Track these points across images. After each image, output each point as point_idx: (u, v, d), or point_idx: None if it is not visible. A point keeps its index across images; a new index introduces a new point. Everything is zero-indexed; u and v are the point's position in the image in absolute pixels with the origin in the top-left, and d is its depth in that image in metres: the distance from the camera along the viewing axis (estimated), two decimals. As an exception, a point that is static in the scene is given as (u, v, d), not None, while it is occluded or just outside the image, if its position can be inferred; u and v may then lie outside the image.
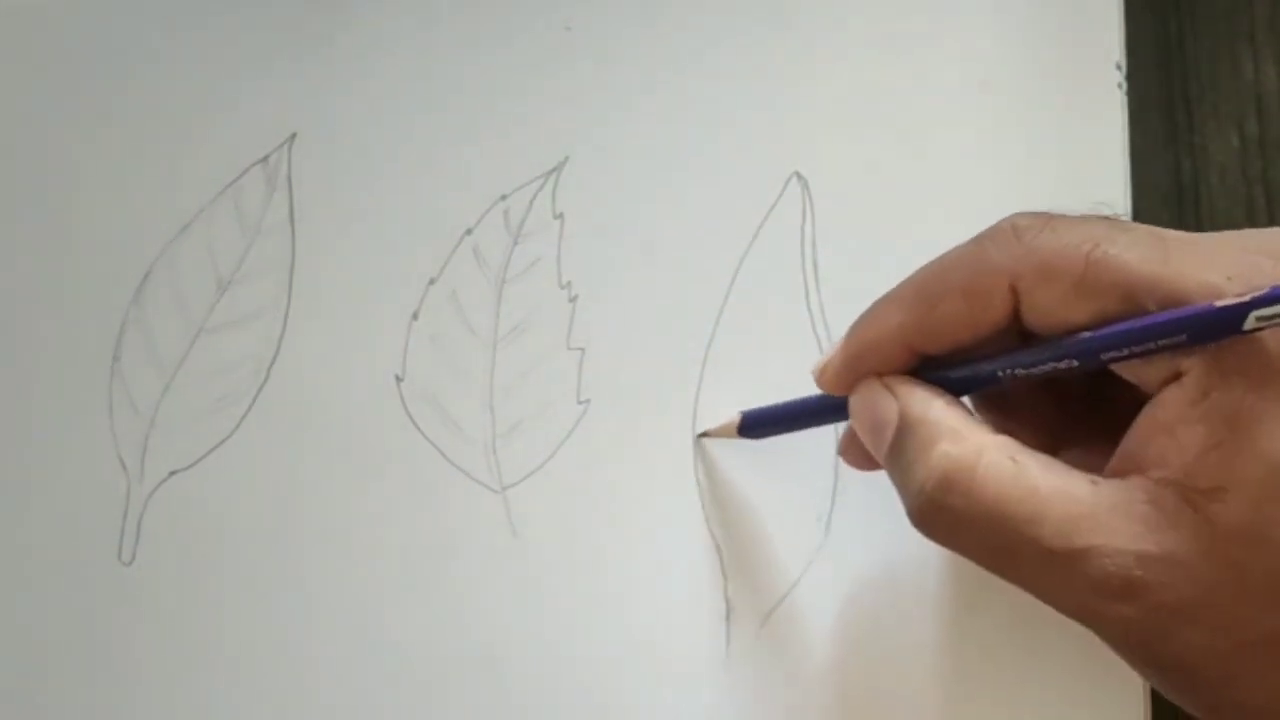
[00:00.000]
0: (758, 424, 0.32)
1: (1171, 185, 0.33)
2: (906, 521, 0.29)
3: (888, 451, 0.27)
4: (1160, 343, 0.24)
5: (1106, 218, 0.26)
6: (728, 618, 0.32)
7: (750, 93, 0.35)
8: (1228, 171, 0.33)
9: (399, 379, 0.34)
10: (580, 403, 0.34)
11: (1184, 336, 0.24)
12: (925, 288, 0.27)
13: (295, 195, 0.36)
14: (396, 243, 0.35)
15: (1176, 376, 0.24)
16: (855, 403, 0.28)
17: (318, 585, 0.33)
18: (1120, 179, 0.33)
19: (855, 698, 0.31)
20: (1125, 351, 0.25)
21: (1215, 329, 0.23)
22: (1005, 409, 0.29)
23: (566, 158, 0.35)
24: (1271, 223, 0.33)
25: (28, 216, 0.36)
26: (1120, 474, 0.25)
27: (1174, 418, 0.24)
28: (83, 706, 0.33)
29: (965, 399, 0.28)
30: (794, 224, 0.34)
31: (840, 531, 0.32)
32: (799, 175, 0.34)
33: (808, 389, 0.33)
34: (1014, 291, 0.26)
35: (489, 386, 0.34)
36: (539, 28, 0.36)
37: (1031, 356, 0.26)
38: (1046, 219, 0.26)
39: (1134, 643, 0.25)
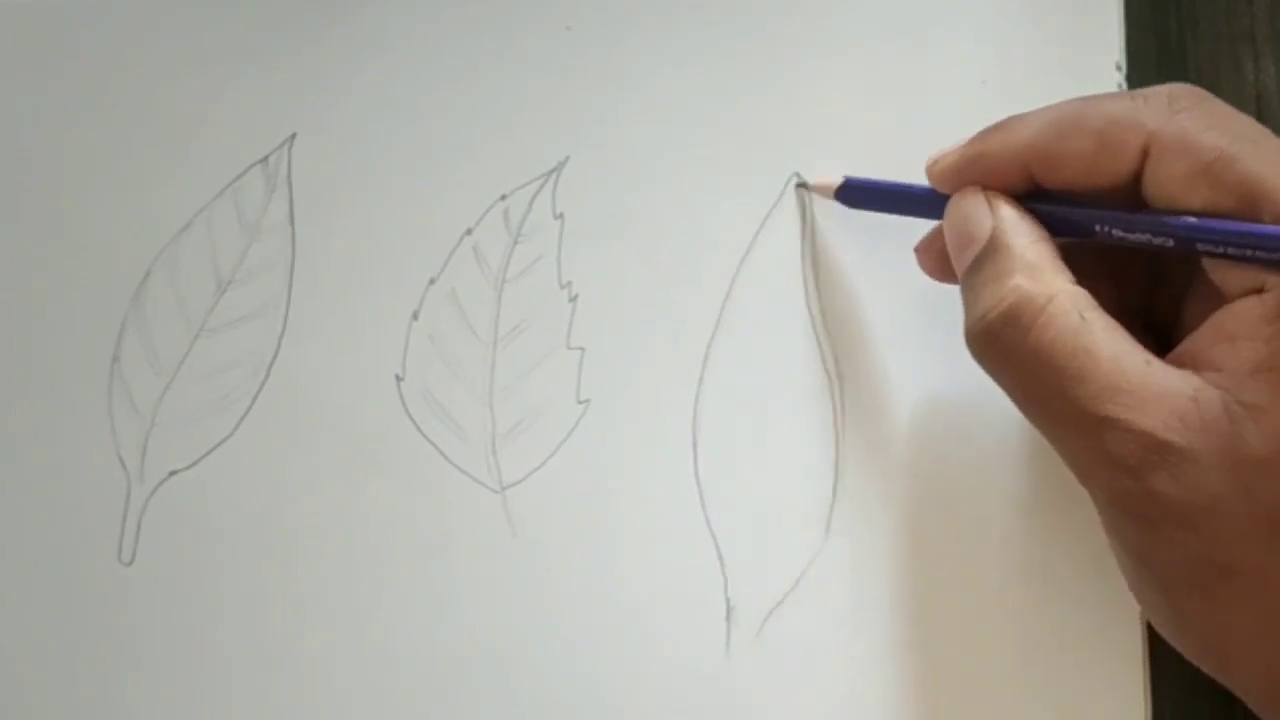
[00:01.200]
0: (859, 191, 0.32)
1: (1171, 185, 0.33)
2: (906, 523, 0.29)
3: (968, 266, 0.27)
4: (1255, 252, 0.24)
5: (1257, 122, 0.26)
6: (728, 618, 0.32)
7: (751, 93, 0.35)
8: (1227, 171, 0.33)
9: (399, 379, 0.34)
10: (580, 403, 0.34)
11: None
12: (1064, 117, 0.27)
13: (295, 195, 0.36)
14: (396, 242, 0.35)
15: (1258, 290, 0.25)
16: (954, 207, 0.28)
17: (317, 585, 0.33)
18: (1120, 178, 0.33)
19: (855, 698, 0.31)
20: (1220, 249, 0.25)
21: None
22: (1091, 263, 0.28)
23: (567, 158, 0.35)
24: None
25: (27, 217, 0.36)
26: (1178, 363, 0.25)
27: (1243, 329, 0.24)
28: (83, 706, 0.33)
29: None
30: (794, 224, 0.34)
31: (840, 532, 0.32)
32: (799, 176, 0.34)
33: (808, 389, 0.33)
34: (1144, 153, 0.26)
35: (489, 386, 0.34)
36: (539, 28, 0.36)
37: (1132, 221, 0.26)
38: (1204, 97, 0.26)
39: (1124, 520, 0.25)
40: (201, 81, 0.36)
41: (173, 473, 0.34)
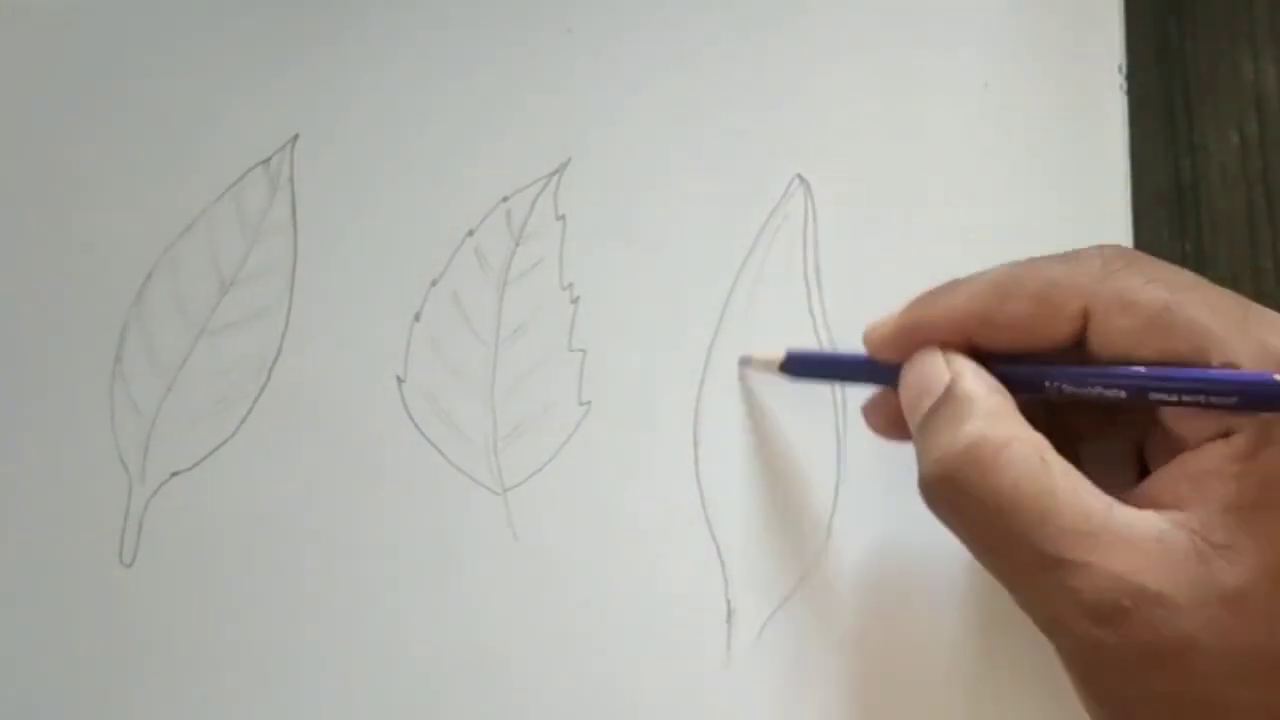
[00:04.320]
0: (801, 364, 0.31)
1: (1171, 185, 0.33)
2: (907, 525, 0.29)
3: (923, 417, 0.27)
4: (1211, 399, 0.24)
5: (1192, 272, 0.26)
6: (729, 620, 0.32)
7: (752, 95, 0.35)
8: (1228, 171, 0.33)
9: (400, 380, 0.34)
10: (582, 404, 0.34)
11: (1235, 400, 0.24)
12: (1000, 282, 0.27)
13: (297, 196, 0.36)
14: (398, 244, 0.35)
15: (1225, 434, 0.24)
16: (911, 367, 0.28)
17: (318, 587, 0.33)
18: (1120, 179, 0.33)
19: (856, 699, 0.31)
20: (1175, 398, 0.25)
21: (1271, 401, 0.23)
22: (1042, 416, 0.28)
23: (568, 159, 0.35)
24: (1271, 223, 0.33)
25: (30, 218, 0.36)
26: (1138, 505, 0.25)
27: (1209, 469, 0.24)
28: (84, 707, 0.33)
29: None
30: (796, 226, 0.34)
31: (842, 534, 0.32)
32: (801, 177, 0.34)
33: (809, 391, 0.33)
34: (1085, 315, 0.26)
35: (490, 388, 0.34)
36: (541, 30, 0.36)
37: (1082, 375, 0.26)
38: (1136, 256, 0.26)
39: (1097, 671, 0.24)
40: (204, 83, 0.37)
41: (174, 474, 0.34)
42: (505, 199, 0.35)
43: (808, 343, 0.33)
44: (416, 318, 0.35)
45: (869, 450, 0.32)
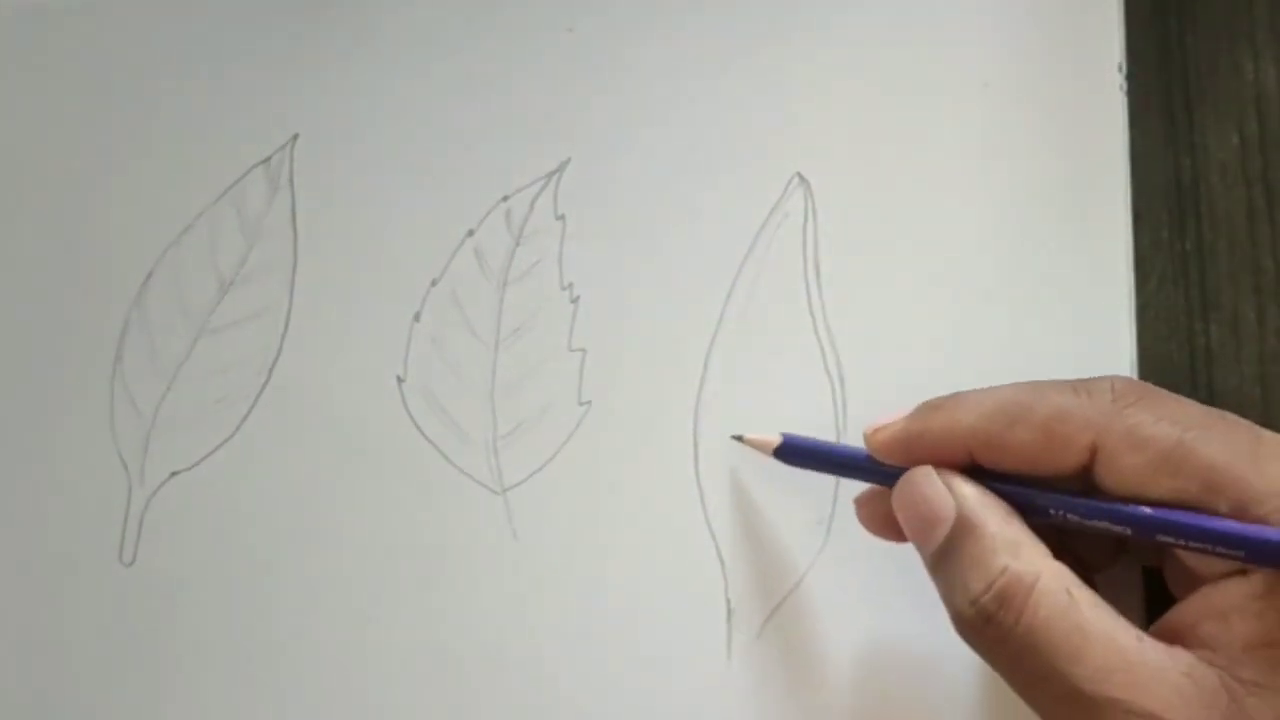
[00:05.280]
0: (795, 452, 0.31)
1: (1171, 185, 0.33)
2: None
3: (938, 550, 0.27)
4: (1219, 548, 0.24)
5: (1203, 405, 0.26)
6: (729, 619, 0.32)
7: (752, 94, 0.35)
8: (1228, 171, 0.33)
9: (400, 380, 0.34)
10: (581, 404, 0.34)
11: (1242, 553, 0.24)
12: (1009, 406, 0.27)
13: (297, 196, 0.36)
14: (398, 244, 0.35)
15: (1242, 571, 0.25)
16: (906, 487, 0.28)
17: (318, 586, 0.33)
18: (1120, 179, 0.33)
19: (856, 700, 0.31)
20: (1182, 542, 0.25)
21: (1276, 557, 0.24)
22: (1052, 536, 0.28)
23: (568, 159, 0.35)
24: (1271, 222, 0.33)
25: (30, 218, 0.36)
26: (1166, 640, 0.25)
27: (1231, 605, 0.24)
28: (84, 706, 0.33)
29: None
30: (796, 225, 0.34)
31: (841, 534, 0.32)
32: (801, 176, 0.34)
33: (808, 391, 0.33)
34: (1093, 449, 0.26)
35: (490, 388, 0.34)
36: (541, 29, 0.36)
37: (1089, 509, 0.26)
38: (1147, 390, 0.26)
39: None
40: (204, 83, 0.37)
41: (174, 473, 0.34)
42: (505, 198, 0.35)
43: (808, 344, 0.33)
44: (416, 317, 0.35)
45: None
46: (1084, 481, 0.26)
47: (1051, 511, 0.27)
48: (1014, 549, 0.26)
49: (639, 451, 0.33)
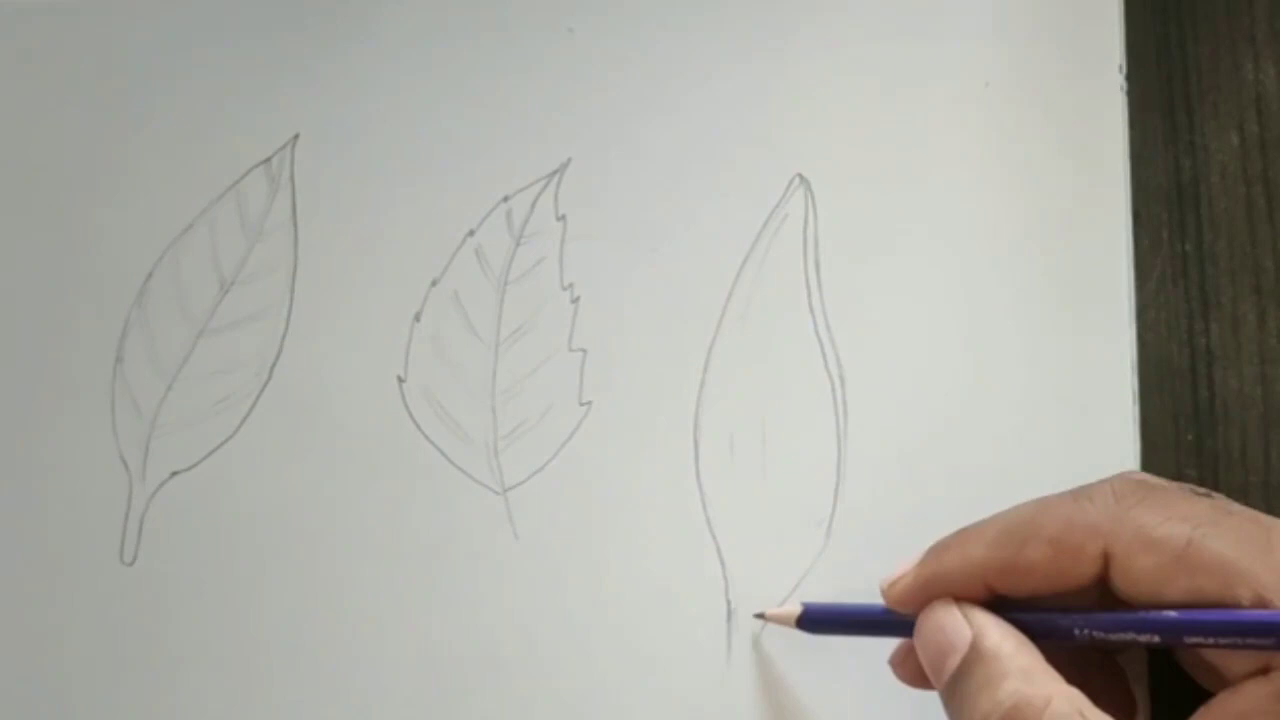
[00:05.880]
0: (818, 620, 0.31)
1: (1171, 185, 0.33)
2: (907, 526, 0.29)
3: (951, 676, 0.27)
4: (1247, 640, 0.24)
5: (1208, 496, 0.26)
6: (729, 620, 0.32)
7: (752, 94, 0.35)
8: (1228, 171, 0.33)
9: (401, 380, 0.34)
10: (582, 404, 0.34)
11: (1272, 641, 0.24)
12: (1015, 529, 0.27)
13: (297, 196, 0.36)
14: (399, 244, 0.35)
15: (1264, 670, 0.25)
16: (926, 621, 0.28)
17: (319, 586, 0.33)
18: (1120, 179, 0.33)
19: (856, 699, 0.31)
20: (1211, 640, 0.25)
21: None
22: (1069, 664, 0.28)
23: (569, 159, 0.35)
24: (1271, 222, 0.33)
25: (31, 217, 0.36)
26: None
27: (1253, 709, 0.24)
28: (84, 706, 0.33)
29: None
30: (796, 226, 0.34)
31: (841, 536, 0.32)
32: (802, 177, 0.34)
33: (807, 390, 0.33)
34: (1105, 556, 0.26)
35: (491, 388, 0.34)
36: (542, 30, 0.36)
37: (1113, 622, 0.26)
38: (1147, 487, 0.26)
39: None
40: (204, 83, 0.37)
41: (175, 473, 0.34)
42: (506, 199, 0.35)
43: (808, 344, 0.33)
44: (417, 318, 0.35)
45: (869, 451, 0.33)
46: (1102, 593, 0.26)
47: (1076, 632, 0.26)
48: (1025, 674, 0.25)
49: (639, 452, 0.33)
